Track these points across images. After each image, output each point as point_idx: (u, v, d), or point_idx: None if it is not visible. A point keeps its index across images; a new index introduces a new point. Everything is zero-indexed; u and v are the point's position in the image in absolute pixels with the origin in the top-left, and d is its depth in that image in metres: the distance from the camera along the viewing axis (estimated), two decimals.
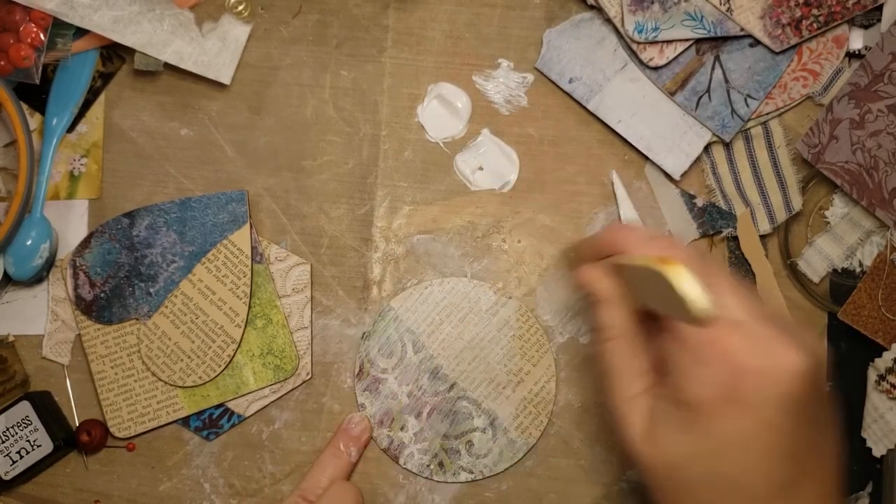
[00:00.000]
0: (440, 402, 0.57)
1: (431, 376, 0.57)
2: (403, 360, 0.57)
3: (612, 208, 0.58)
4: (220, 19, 0.58)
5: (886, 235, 0.55)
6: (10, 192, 0.59)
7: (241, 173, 0.59)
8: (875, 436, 0.54)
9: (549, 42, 0.58)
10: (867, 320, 0.55)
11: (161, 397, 0.57)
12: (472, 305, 0.57)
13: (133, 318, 0.58)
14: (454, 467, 0.56)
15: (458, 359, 0.57)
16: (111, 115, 0.60)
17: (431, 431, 0.56)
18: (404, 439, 0.56)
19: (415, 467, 0.56)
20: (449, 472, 0.56)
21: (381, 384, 0.57)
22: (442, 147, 0.59)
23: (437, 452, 0.56)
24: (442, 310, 0.57)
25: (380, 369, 0.57)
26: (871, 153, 0.55)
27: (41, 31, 0.56)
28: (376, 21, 0.59)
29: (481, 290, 0.57)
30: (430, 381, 0.57)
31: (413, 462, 0.56)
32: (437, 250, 0.58)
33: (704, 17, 0.55)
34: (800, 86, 0.57)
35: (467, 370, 0.57)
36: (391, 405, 0.57)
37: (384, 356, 0.57)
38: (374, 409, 0.57)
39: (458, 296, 0.57)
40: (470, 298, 0.57)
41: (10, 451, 0.56)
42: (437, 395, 0.57)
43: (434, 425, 0.57)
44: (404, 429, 0.57)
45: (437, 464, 0.56)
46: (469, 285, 0.57)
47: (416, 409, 0.57)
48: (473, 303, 0.57)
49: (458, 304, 0.57)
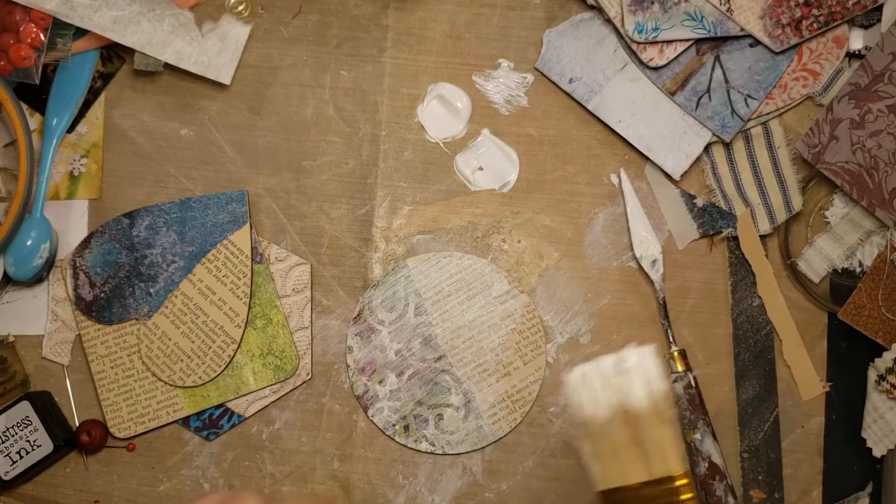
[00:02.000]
0: (424, 369, 0.57)
1: (424, 342, 0.57)
2: (402, 319, 0.57)
3: (611, 208, 0.58)
4: (220, 19, 0.58)
5: (886, 235, 0.55)
6: (10, 192, 0.59)
7: (241, 173, 0.59)
8: (875, 436, 0.54)
9: (549, 42, 0.58)
10: (867, 320, 0.55)
11: (161, 397, 0.57)
12: (484, 288, 0.57)
13: (133, 318, 0.58)
14: (417, 435, 0.57)
15: (454, 334, 0.57)
16: (111, 115, 0.60)
17: (407, 394, 0.57)
18: (379, 393, 0.57)
19: (380, 422, 0.57)
20: (411, 438, 0.57)
21: (374, 334, 0.57)
22: (442, 147, 0.59)
23: (405, 415, 0.57)
24: (454, 283, 0.57)
25: (377, 320, 0.57)
26: (872, 153, 0.55)
27: (41, 31, 0.56)
28: (376, 21, 0.59)
29: (496, 276, 0.57)
30: (421, 347, 0.57)
31: (381, 417, 0.57)
32: (438, 250, 0.58)
33: (704, 17, 0.55)
34: (800, 86, 0.57)
35: (459, 347, 0.57)
36: (377, 356, 0.57)
37: (386, 309, 0.57)
38: (361, 354, 0.57)
39: (473, 274, 0.58)
40: (484, 281, 0.57)
41: (10, 452, 0.56)
42: (424, 362, 0.57)
43: (411, 389, 0.57)
44: (382, 383, 0.57)
45: (403, 426, 0.57)
46: (487, 268, 0.58)
47: (400, 369, 0.57)
48: (486, 286, 0.57)
49: (471, 282, 0.57)
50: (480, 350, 0.57)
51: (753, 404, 0.57)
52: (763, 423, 0.57)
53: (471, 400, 0.57)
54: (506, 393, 0.57)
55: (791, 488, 0.56)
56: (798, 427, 0.57)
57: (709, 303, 0.58)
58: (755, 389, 0.57)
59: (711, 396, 0.57)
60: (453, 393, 0.57)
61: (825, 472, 0.56)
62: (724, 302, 0.58)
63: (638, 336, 0.58)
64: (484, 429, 0.57)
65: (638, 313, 0.58)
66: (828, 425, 0.57)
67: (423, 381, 0.57)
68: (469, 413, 0.57)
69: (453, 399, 0.57)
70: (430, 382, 0.57)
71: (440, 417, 0.57)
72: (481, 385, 0.57)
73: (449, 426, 0.57)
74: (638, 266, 0.58)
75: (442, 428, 0.57)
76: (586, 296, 0.58)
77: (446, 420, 0.57)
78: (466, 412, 0.57)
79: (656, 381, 0.39)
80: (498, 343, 0.57)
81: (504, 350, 0.57)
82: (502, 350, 0.57)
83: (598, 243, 0.58)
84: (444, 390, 0.57)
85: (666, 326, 0.57)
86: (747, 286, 0.57)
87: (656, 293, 0.57)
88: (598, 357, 0.39)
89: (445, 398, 0.57)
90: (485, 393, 0.57)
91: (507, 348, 0.57)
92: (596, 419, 0.40)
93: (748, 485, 0.56)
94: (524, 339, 0.57)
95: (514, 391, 0.57)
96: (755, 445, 0.56)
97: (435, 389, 0.57)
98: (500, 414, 0.57)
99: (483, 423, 0.57)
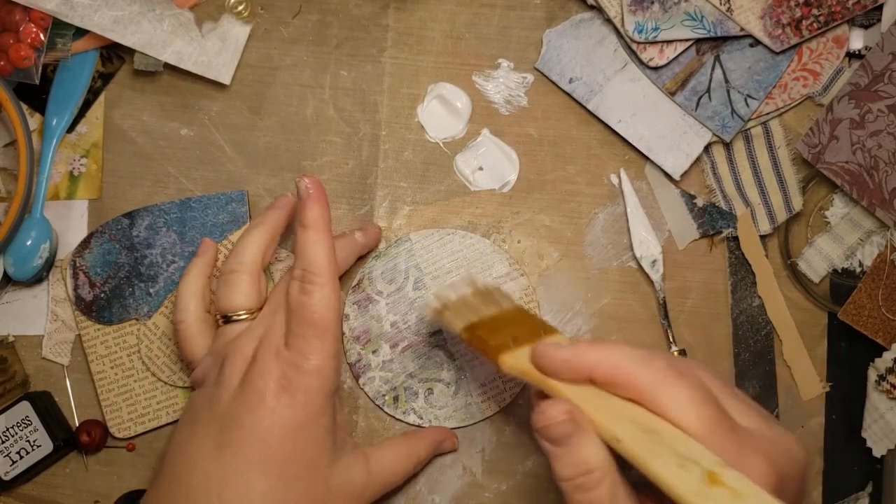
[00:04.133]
0: (418, 343, 0.57)
1: (420, 316, 0.57)
2: (401, 292, 0.57)
3: (611, 208, 0.58)
4: (220, 19, 0.58)
5: (886, 235, 0.55)
6: (10, 193, 0.59)
7: (241, 173, 0.59)
8: (875, 436, 0.54)
9: (549, 42, 0.58)
10: (867, 320, 0.55)
11: (161, 397, 0.57)
12: (484, 268, 0.57)
13: (133, 318, 0.58)
14: (406, 407, 0.57)
15: None
16: (111, 115, 0.60)
17: (399, 366, 0.57)
18: (372, 363, 0.57)
19: (371, 391, 0.57)
20: (400, 410, 0.57)
21: (372, 304, 0.57)
22: (442, 147, 0.59)
23: (396, 386, 0.57)
24: (455, 260, 0.57)
25: (376, 290, 0.57)
26: (872, 153, 0.55)
27: (41, 31, 0.56)
28: (376, 21, 0.59)
29: (497, 257, 0.57)
30: (417, 321, 0.57)
31: (371, 387, 0.57)
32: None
33: (704, 17, 0.55)
34: (800, 86, 0.57)
35: None
36: (373, 326, 0.57)
37: (385, 281, 0.57)
38: (357, 323, 0.57)
39: (474, 253, 0.58)
40: (484, 261, 0.57)
41: (10, 452, 0.56)
42: (419, 336, 0.57)
43: (404, 361, 0.57)
44: (376, 353, 0.57)
45: (393, 398, 0.57)
46: (489, 248, 0.58)
47: (394, 340, 0.57)
48: (486, 265, 0.57)
49: (472, 261, 0.57)
50: None
51: None
52: None
53: (463, 377, 0.57)
54: (497, 373, 0.57)
55: None
56: (798, 427, 0.57)
57: (709, 303, 0.58)
58: (755, 389, 0.57)
59: None
60: (445, 369, 0.57)
61: (825, 472, 0.56)
62: (724, 302, 0.58)
63: (638, 336, 0.58)
64: (472, 407, 0.57)
65: (638, 313, 0.58)
66: (828, 425, 0.57)
67: (416, 354, 0.57)
68: (459, 390, 0.57)
69: (445, 375, 0.57)
70: (423, 356, 0.57)
71: (430, 391, 0.57)
72: (474, 363, 0.57)
73: (438, 401, 0.57)
74: (638, 266, 0.58)
75: (431, 402, 0.57)
76: (586, 296, 0.58)
77: (436, 395, 0.57)
78: (457, 388, 0.57)
79: None
80: None
81: None
82: None
83: (598, 243, 0.58)
84: (436, 365, 0.57)
85: (666, 326, 0.57)
86: (747, 286, 0.57)
87: (656, 293, 0.57)
88: None
89: (437, 373, 0.57)
90: (477, 371, 0.57)
91: None
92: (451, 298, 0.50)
93: None
94: None
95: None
96: None
97: (427, 364, 0.57)
98: (491, 393, 0.57)
99: (472, 401, 0.57)
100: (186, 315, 0.53)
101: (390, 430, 0.57)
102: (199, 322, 0.53)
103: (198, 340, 0.52)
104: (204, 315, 0.53)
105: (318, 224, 0.49)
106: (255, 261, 0.52)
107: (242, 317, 0.51)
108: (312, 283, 0.48)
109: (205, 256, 0.55)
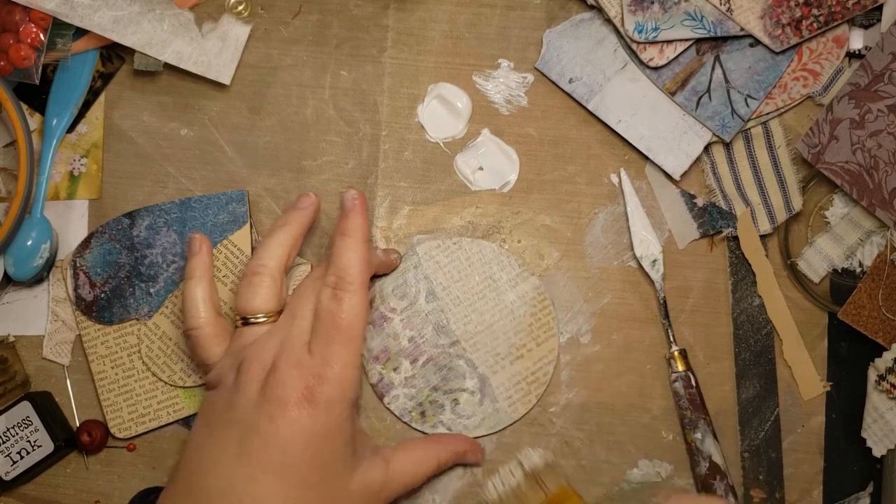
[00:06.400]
0: (438, 355, 0.57)
1: (436, 328, 0.57)
2: (414, 306, 0.57)
3: (611, 208, 0.58)
4: (220, 19, 0.58)
5: (886, 235, 0.55)
6: (10, 193, 0.59)
7: (241, 173, 0.59)
8: (875, 436, 0.54)
9: (549, 42, 0.58)
10: (867, 320, 0.55)
11: (161, 397, 0.57)
12: (495, 272, 0.57)
13: (133, 318, 0.58)
14: (434, 420, 0.57)
15: (466, 319, 0.57)
16: (111, 115, 0.60)
17: (422, 380, 0.57)
18: (394, 380, 0.57)
19: (397, 410, 0.57)
20: (428, 424, 0.57)
21: (387, 322, 0.57)
22: (442, 147, 0.59)
23: (422, 401, 0.57)
24: (464, 268, 0.57)
25: (389, 308, 0.57)
26: (872, 153, 0.55)
27: (41, 32, 0.56)
28: (376, 21, 0.59)
29: (507, 260, 0.57)
30: (434, 333, 0.57)
31: (397, 405, 0.57)
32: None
33: (704, 17, 0.56)
34: (800, 86, 0.57)
35: (472, 332, 0.57)
36: (390, 344, 0.57)
37: (397, 297, 0.57)
38: (374, 343, 0.57)
39: (483, 259, 0.57)
40: (494, 265, 0.57)
41: (10, 452, 0.56)
42: (437, 348, 0.57)
43: (426, 375, 0.57)
44: (397, 370, 0.57)
45: (420, 413, 0.57)
46: (497, 252, 0.58)
47: (414, 356, 0.57)
48: (496, 270, 0.57)
49: (482, 267, 0.57)
50: (493, 334, 0.57)
51: (754, 404, 0.57)
52: (764, 423, 0.57)
53: (486, 384, 0.57)
54: (520, 375, 0.57)
55: (791, 488, 0.56)
56: (798, 427, 0.57)
57: (709, 302, 0.58)
58: (756, 389, 0.57)
59: (712, 396, 0.57)
60: (468, 377, 0.57)
61: (825, 471, 0.56)
62: (725, 302, 0.58)
63: (638, 335, 0.58)
64: (500, 412, 0.57)
65: (638, 313, 0.58)
66: (828, 425, 0.57)
67: (437, 366, 0.57)
68: (485, 397, 0.57)
69: (468, 384, 0.57)
70: (445, 368, 0.57)
71: (456, 402, 0.57)
72: (496, 368, 0.57)
73: (465, 410, 0.57)
74: (638, 266, 0.58)
75: (458, 412, 0.57)
76: (587, 295, 0.58)
77: (462, 404, 0.57)
78: (482, 396, 0.57)
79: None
80: (511, 326, 0.57)
81: (516, 333, 0.57)
82: (515, 333, 0.57)
83: (599, 243, 0.58)
84: (458, 375, 0.57)
85: (666, 326, 0.57)
86: (748, 286, 0.57)
87: (657, 293, 0.58)
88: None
89: (461, 383, 0.57)
90: (499, 376, 0.57)
91: (520, 331, 0.57)
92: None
93: (749, 484, 0.56)
94: (536, 320, 0.57)
95: (529, 373, 0.57)
96: (756, 445, 0.57)
97: (450, 375, 0.57)
98: (516, 396, 0.57)
99: (499, 406, 0.57)
100: (199, 322, 0.52)
101: (391, 429, 0.57)
102: (213, 326, 0.52)
103: (213, 344, 0.52)
104: (216, 318, 0.53)
105: (357, 234, 0.51)
106: (278, 263, 0.52)
107: (261, 320, 0.51)
108: (345, 290, 0.49)
109: (201, 255, 0.54)
